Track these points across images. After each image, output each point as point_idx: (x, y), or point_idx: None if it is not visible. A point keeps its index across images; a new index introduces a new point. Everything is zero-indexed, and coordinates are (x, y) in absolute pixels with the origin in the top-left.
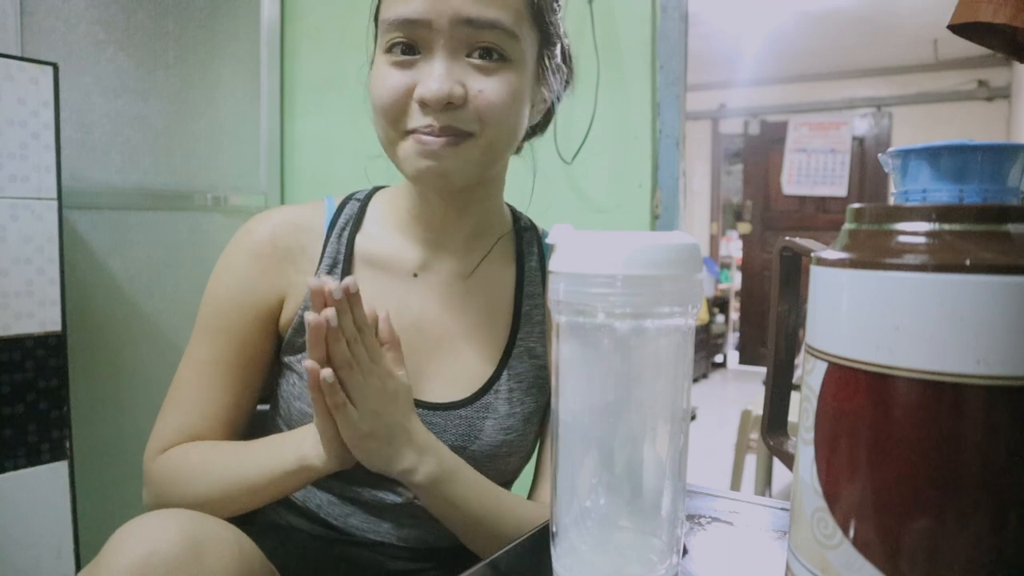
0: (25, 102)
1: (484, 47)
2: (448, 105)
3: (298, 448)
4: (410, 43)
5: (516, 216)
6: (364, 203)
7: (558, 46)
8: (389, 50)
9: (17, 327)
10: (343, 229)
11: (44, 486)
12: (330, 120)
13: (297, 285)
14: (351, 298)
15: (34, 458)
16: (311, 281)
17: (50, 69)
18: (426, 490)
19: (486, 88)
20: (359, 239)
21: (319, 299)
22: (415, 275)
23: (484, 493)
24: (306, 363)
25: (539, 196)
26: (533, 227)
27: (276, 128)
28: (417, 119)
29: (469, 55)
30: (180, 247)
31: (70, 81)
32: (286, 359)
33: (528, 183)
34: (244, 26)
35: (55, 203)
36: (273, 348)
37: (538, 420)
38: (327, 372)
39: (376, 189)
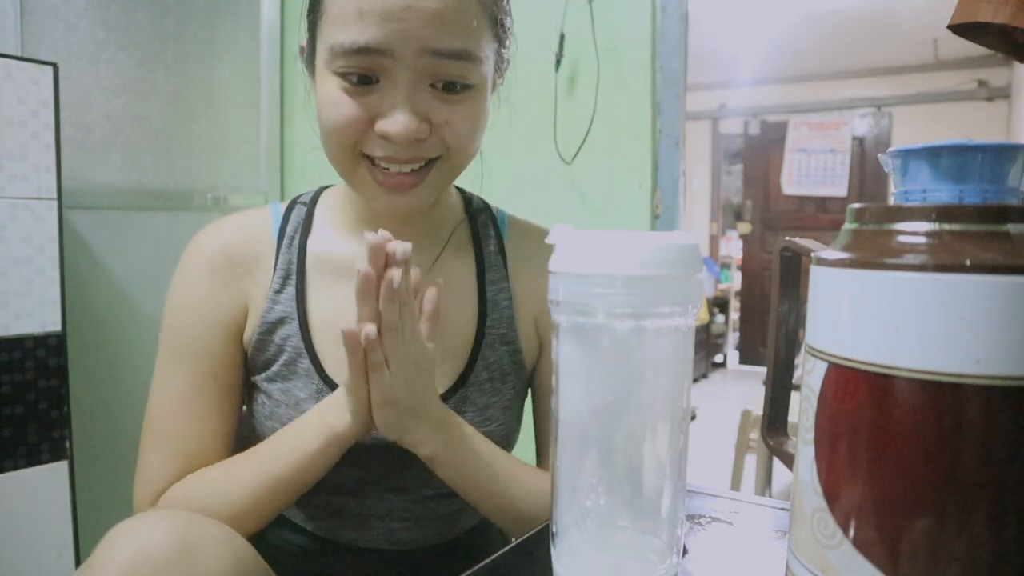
0: (25, 102)
1: (449, 79)
2: (414, 140)
3: (321, 420)
4: (367, 71)
5: (467, 199)
6: (311, 207)
7: (507, 40)
8: (342, 75)
9: (17, 327)
10: (293, 236)
11: (44, 486)
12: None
13: (255, 298)
14: (407, 263)
15: (34, 458)
16: (369, 236)
17: (50, 69)
18: (431, 461)
19: (452, 118)
20: (310, 245)
21: (378, 255)
22: None
23: (492, 467)
24: (347, 328)
25: (539, 196)
26: (487, 208)
27: (276, 128)
28: (379, 148)
29: (432, 84)
30: (180, 247)
31: (70, 81)
32: (252, 378)
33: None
34: (244, 26)
35: (55, 203)
36: (243, 355)
37: (519, 406)
38: (371, 329)
39: (321, 190)
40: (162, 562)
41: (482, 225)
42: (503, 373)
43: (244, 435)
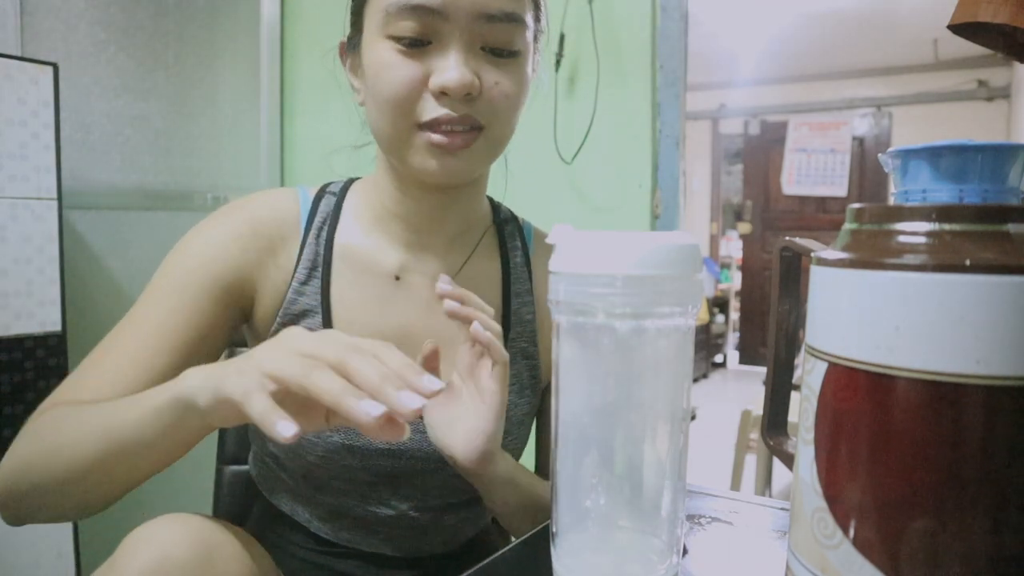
0: (25, 102)
1: (498, 43)
2: (467, 96)
3: (178, 380)
4: (421, 32)
5: (495, 207)
6: (340, 198)
7: (541, 16)
8: (395, 37)
9: (17, 327)
10: (321, 228)
11: None
12: (330, 120)
13: (276, 281)
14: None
15: None
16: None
17: (50, 69)
18: (496, 475)
19: (502, 80)
20: (338, 239)
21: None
22: (397, 277)
23: (526, 480)
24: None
25: (539, 196)
26: (514, 218)
27: (276, 128)
28: (433, 109)
29: (482, 47)
30: None
31: (70, 81)
32: None
33: (502, 173)
34: (244, 26)
35: (55, 203)
36: (228, 333)
37: (531, 421)
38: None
39: (351, 181)
40: (182, 568)
41: (509, 235)
42: (521, 387)
43: (253, 431)
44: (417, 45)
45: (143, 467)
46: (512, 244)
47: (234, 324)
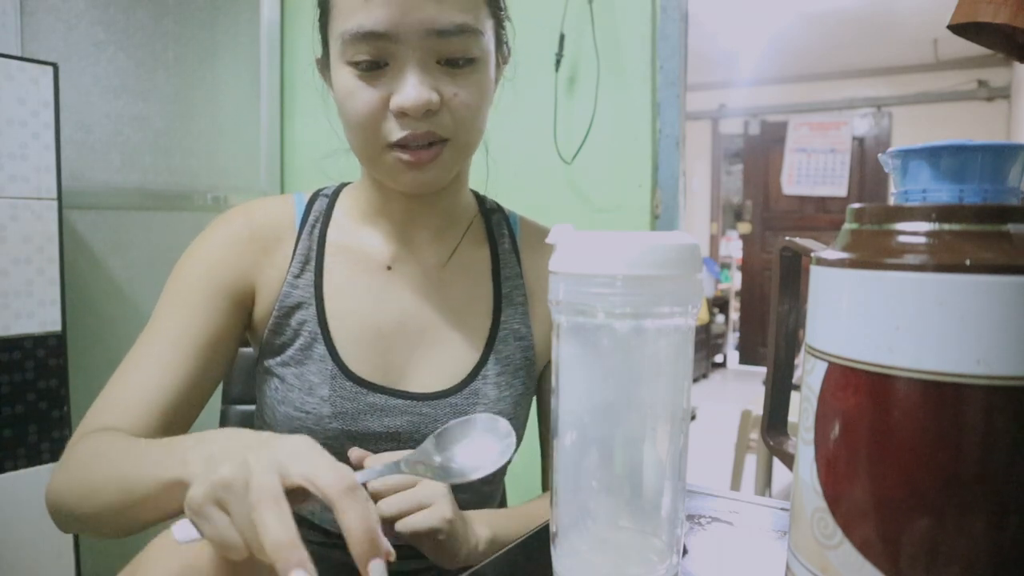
0: (25, 102)
1: (453, 55)
2: (427, 112)
3: (184, 461)
4: (376, 55)
5: (480, 199)
6: (332, 199)
7: (505, 25)
8: (353, 63)
9: (17, 327)
10: (314, 226)
11: (44, 486)
12: (330, 120)
13: (271, 280)
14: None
15: (34, 458)
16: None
17: (50, 69)
18: (487, 552)
19: (460, 91)
20: (330, 233)
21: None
22: (389, 268)
23: (521, 521)
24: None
25: (539, 196)
26: (500, 208)
27: (276, 128)
28: (397, 131)
29: (438, 61)
30: (180, 247)
31: (70, 81)
32: (266, 363)
33: (483, 165)
34: (244, 26)
35: (55, 203)
36: (237, 337)
37: (528, 403)
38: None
39: (343, 185)
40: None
41: (496, 224)
42: (515, 368)
43: (257, 427)
44: (375, 68)
45: (147, 520)
46: (499, 231)
47: (244, 326)
